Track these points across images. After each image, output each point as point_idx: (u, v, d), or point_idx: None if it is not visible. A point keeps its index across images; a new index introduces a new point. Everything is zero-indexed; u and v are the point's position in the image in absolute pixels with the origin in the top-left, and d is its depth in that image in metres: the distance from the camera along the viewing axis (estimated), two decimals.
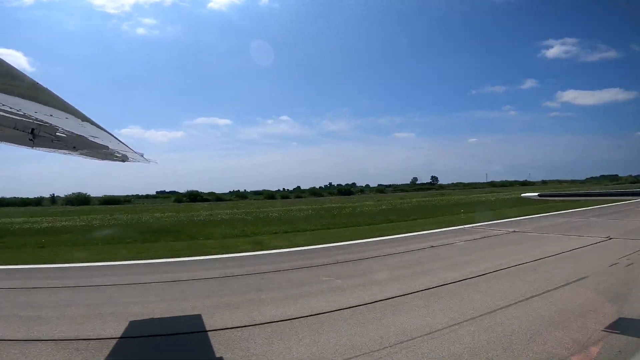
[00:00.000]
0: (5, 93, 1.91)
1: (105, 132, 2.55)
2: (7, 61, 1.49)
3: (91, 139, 3.08)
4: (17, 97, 2.06)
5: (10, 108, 2.12)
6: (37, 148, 3.26)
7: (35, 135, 3.18)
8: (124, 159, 4.19)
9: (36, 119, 2.52)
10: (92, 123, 2.25)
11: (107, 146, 3.32)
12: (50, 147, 3.16)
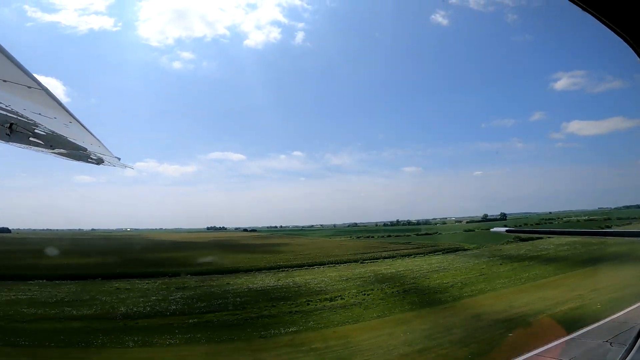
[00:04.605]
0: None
1: (90, 135, 2.63)
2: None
3: (71, 139, 3.11)
4: (8, 93, 2.13)
5: None
6: (12, 143, 3.22)
7: (13, 131, 3.17)
8: (98, 162, 4.17)
9: (18, 114, 2.55)
10: (80, 124, 2.34)
11: (85, 148, 3.35)
12: (26, 144, 3.15)
